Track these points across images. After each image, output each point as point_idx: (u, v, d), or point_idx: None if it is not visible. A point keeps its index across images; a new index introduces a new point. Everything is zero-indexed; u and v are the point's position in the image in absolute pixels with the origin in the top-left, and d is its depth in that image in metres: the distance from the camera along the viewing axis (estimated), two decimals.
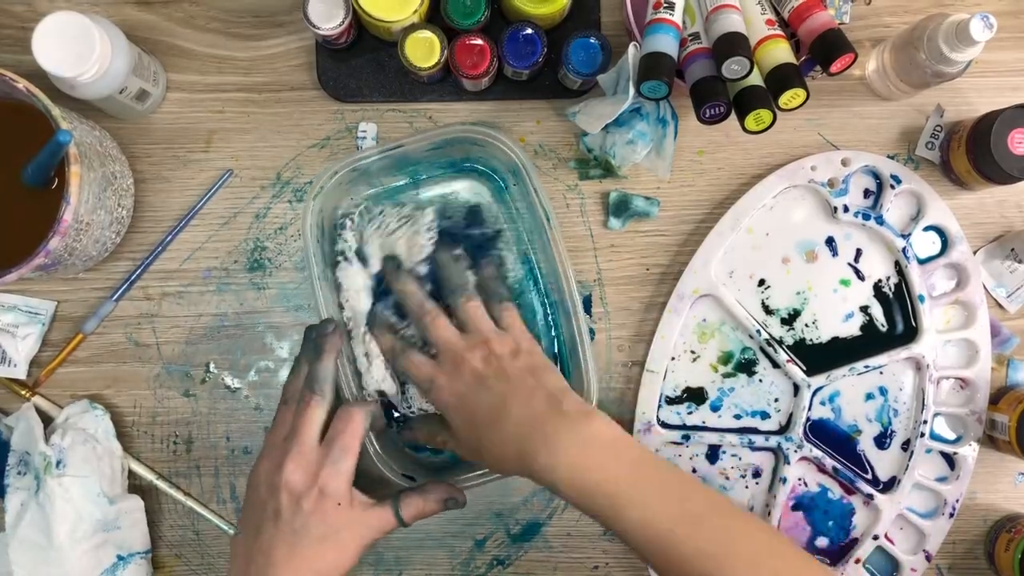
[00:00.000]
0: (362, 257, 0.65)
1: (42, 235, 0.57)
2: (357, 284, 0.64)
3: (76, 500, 0.64)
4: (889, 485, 0.69)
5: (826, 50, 0.60)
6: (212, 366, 0.70)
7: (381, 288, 0.64)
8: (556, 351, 0.69)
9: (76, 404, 0.67)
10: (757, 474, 0.70)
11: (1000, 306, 0.71)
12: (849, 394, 0.70)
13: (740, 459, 0.70)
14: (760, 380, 0.70)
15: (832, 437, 0.70)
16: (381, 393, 0.64)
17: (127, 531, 0.66)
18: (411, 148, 0.64)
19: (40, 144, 0.56)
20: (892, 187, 0.69)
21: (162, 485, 0.69)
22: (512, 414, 0.55)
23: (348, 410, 0.59)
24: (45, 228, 0.57)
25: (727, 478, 0.70)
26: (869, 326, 0.70)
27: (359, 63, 0.70)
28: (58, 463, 0.64)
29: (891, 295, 0.70)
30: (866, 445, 0.70)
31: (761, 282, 0.70)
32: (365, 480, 0.58)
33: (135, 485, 0.68)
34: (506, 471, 0.57)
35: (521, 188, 0.66)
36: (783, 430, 0.70)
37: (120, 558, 0.65)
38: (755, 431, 0.70)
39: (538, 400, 0.56)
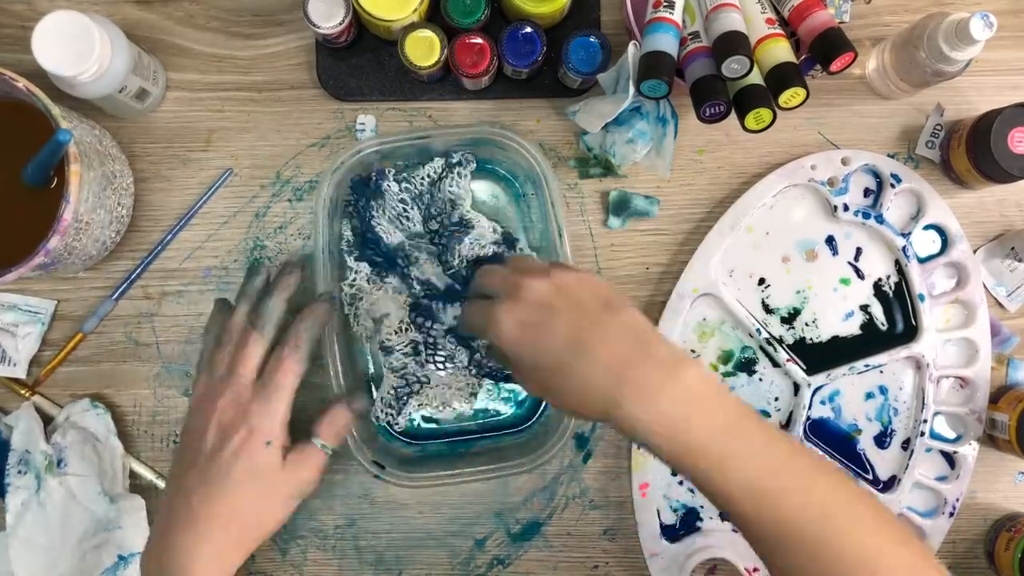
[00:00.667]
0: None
1: (42, 234, 0.57)
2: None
3: (77, 499, 0.64)
4: (889, 484, 0.69)
5: (826, 49, 0.60)
6: None
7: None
8: None
9: (76, 403, 0.67)
10: None
11: (1000, 305, 0.71)
12: (849, 393, 0.70)
13: None
14: (760, 379, 0.70)
15: (832, 436, 0.70)
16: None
17: (128, 531, 0.65)
18: (437, 139, 0.65)
19: (40, 143, 0.56)
20: (892, 186, 0.69)
21: (162, 485, 0.69)
22: (591, 351, 0.48)
23: (282, 349, 0.57)
24: (45, 227, 0.57)
25: None
26: (869, 325, 0.70)
27: (359, 62, 0.70)
28: (59, 462, 0.64)
29: (891, 294, 0.70)
30: (866, 444, 0.70)
31: (761, 281, 0.70)
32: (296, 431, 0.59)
33: (136, 484, 0.68)
34: (582, 414, 0.51)
35: (539, 199, 0.66)
36: (783, 429, 0.70)
37: (121, 558, 0.65)
38: None
39: (620, 339, 0.48)
